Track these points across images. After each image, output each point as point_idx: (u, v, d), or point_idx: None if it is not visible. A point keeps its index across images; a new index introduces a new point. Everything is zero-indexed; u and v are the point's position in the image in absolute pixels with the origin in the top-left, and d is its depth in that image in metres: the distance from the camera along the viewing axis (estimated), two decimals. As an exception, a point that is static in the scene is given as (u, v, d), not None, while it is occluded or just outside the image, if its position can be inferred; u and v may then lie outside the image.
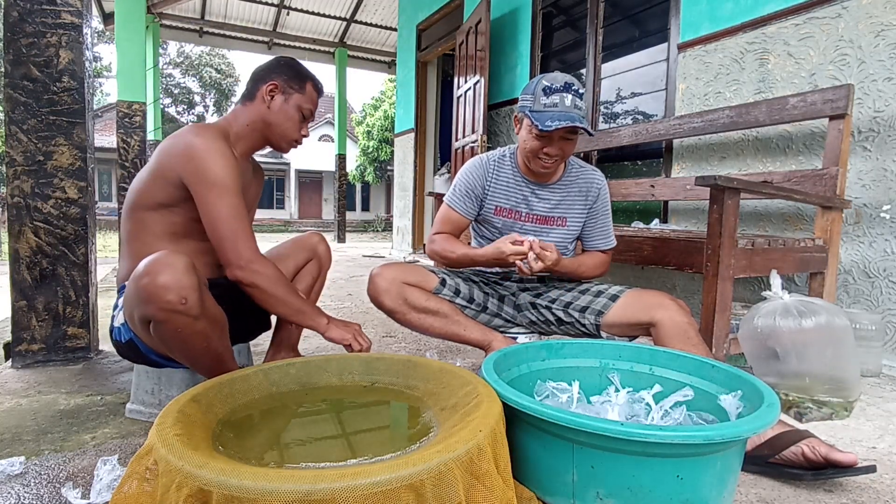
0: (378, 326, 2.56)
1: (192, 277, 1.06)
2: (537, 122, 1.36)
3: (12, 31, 1.76)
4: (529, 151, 1.46)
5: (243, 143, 1.38)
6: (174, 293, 1.03)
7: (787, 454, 1.08)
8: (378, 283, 1.49)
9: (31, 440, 1.23)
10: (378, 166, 18.75)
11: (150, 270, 1.04)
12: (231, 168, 1.24)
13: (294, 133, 1.40)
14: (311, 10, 8.61)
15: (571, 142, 1.44)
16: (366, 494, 0.65)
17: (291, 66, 1.40)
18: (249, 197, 1.47)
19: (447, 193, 1.63)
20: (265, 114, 1.35)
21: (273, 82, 1.35)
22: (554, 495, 0.91)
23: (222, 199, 1.22)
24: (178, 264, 1.05)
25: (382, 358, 1.25)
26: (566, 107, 1.37)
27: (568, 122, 1.34)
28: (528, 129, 1.44)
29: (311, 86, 1.41)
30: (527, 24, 3.85)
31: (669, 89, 2.76)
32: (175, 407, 0.88)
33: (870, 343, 1.82)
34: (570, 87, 1.39)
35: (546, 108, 1.38)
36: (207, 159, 1.21)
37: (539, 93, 1.39)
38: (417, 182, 5.98)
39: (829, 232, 1.87)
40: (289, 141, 1.41)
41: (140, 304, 1.08)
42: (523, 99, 1.45)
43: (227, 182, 1.23)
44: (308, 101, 1.40)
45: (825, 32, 2.09)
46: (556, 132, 1.38)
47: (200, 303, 1.08)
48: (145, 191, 1.27)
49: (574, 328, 1.52)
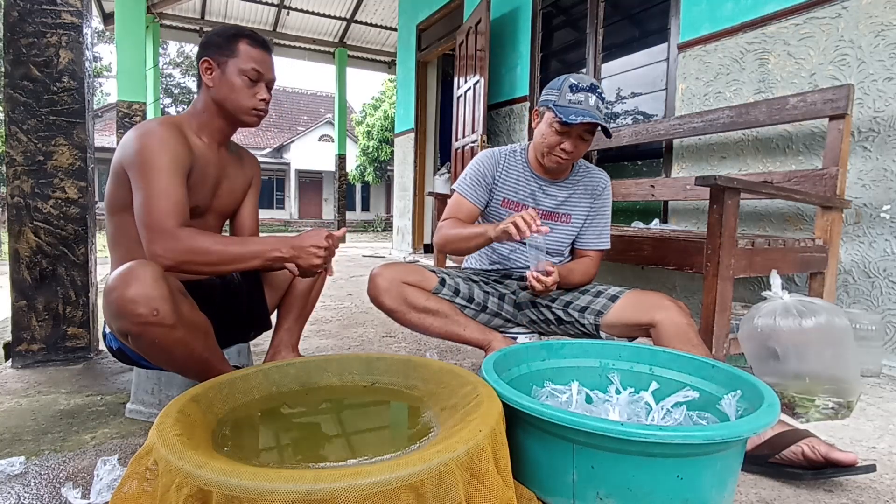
0: (378, 326, 2.56)
1: (162, 287, 1.03)
2: (561, 114, 1.40)
3: (12, 31, 1.76)
4: (546, 146, 1.49)
5: (207, 129, 1.30)
6: (144, 306, 1.00)
7: (787, 454, 1.08)
8: (378, 282, 1.49)
9: (31, 440, 1.23)
10: (378, 166, 18.74)
11: (118, 284, 1.01)
12: (168, 152, 1.15)
13: (246, 100, 1.27)
14: (311, 10, 8.61)
15: (587, 142, 1.47)
16: (366, 494, 0.65)
17: (219, 33, 1.28)
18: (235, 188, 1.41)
19: (457, 182, 1.64)
20: (211, 93, 1.27)
21: (205, 59, 1.25)
22: (554, 495, 0.91)
23: (147, 180, 1.12)
24: (146, 276, 1.02)
25: (382, 358, 1.25)
26: (590, 106, 1.41)
27: (591, 118, 1.38)
28: (548, 123, 1.47)
29: (246, 42, 1.26)
30: (527, 24, 3.85)
31: (669, 89, 2.76)
32: (175, 407, 0.88)
33: (870, 343, 1.82)
34: (594, 89, 1.43)
35: (571, 103, 1.41)
36: (141, 143, 1.14)
37: (566, 89, 1.43)
38: (417, 182, 5.98)
39: (829, 232, 1.87)
40: (245, 111, 1.28)
41: (113, 318, 1.05)
42: (547, 94, 1.48)
43: (153, 163, 1.12)
44: (246, 60, 1.25)
45: (825, 32, 2.09)
46: (575, 129, 1.43)
47: (174, 311, 1.05)
48: (111, 192, 1.24)
49: (574, 328, 1.52)
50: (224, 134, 1.34)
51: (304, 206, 23.58)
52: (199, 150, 1.28)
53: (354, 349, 2.15)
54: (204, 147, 1.30)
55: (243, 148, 1.50)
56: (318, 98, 25.48)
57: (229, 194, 1.41)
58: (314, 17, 8.80)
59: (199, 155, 1.28)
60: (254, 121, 1.31)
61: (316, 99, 25.42)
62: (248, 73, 1.26)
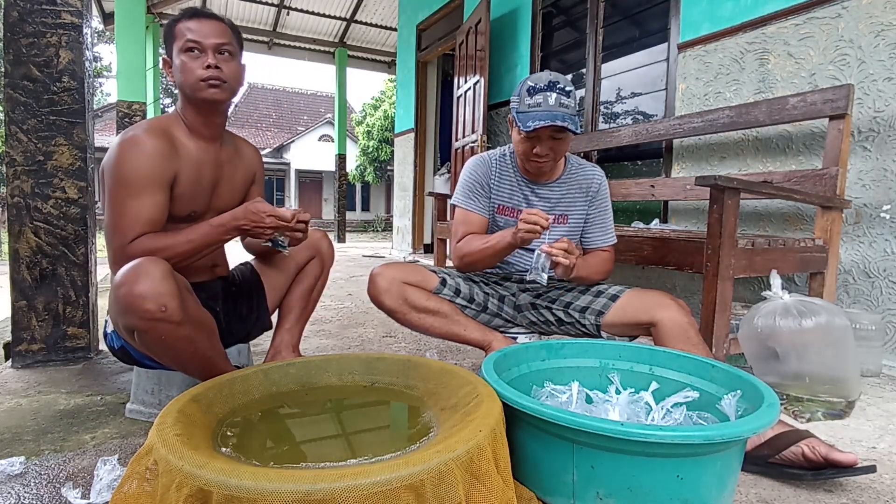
0: (378, 326, 2.56)
1: (171, 284, 1.03)
2: (520, 123, 1.37)
3: (12, 31, 1.76)
4: (522, 153, 1.47)
5: (192, 125, 1.29)
6: (152, 301, 1.01)
7: (787, 454, 1.08)
8: (378, 282, 1.49)
9: (31, 440, 1.22)
10: (378, 166, 18.73)
11: (127, 280, 1.02)
12: (140, 165, 1.14)
13: (192, 75, 1.22)
14: (311, 10, 8.61)
15: (562, 140, 1.42)
16: (366, 494, 0.65)
17: (165, 30, 1.28)
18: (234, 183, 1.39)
19: (456, 197, 1.60)
20: (178, 88, 1.26)
21: (162, 58, 1.28)
22: (554, 495, 0.91)
23: (110, 195, 1.13)
24: (155, 272, 1.02)
25: (382, 358, 1.25)
26: (550, 106, 1.36)
27: (548, 121, 1.33)
28: (517, 131, 1.45)
29: (180, 22, 1.24)
30: (527, 24, 3.85)
31: (669, 89, 2.76)
32: (175, 407, 0.88)
33: (870, 343, 1.82)
34: (554, 86, 1.37)
35: (530, 108, 1.37)
36: (115, 156, 1.15)
37: (524, 93, 1.39)
38: (417, 182, 5.98)
39: (829, 232, 1.87)
40: (196, 86, 1.22)
41: (121, 314, 1.05)
42: (512, 101, 1.45)
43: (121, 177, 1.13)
44: (182, 37, 1.22)
45: (825, 32, 2.09)
46: (543, 132, 1.38)
47: (182, 308, 1.05)
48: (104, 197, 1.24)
49: (574, 328, 1.52)
50: (207, 126, 1.30)
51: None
52: (190, 153, 1.27)
53: (354, 349, 2.15)
54: (196, 148, 1.28)
55: (241, 139, 1.47)
56: (318, 98, 25.48)
57: (229, 192, 1.39)
58: (314, 17, 8.80)
59: (190, 157, 1.26)
60: (211, 92, 1.24)
61: (316, 99, 25.42)
62: (187, 47, 1.22)
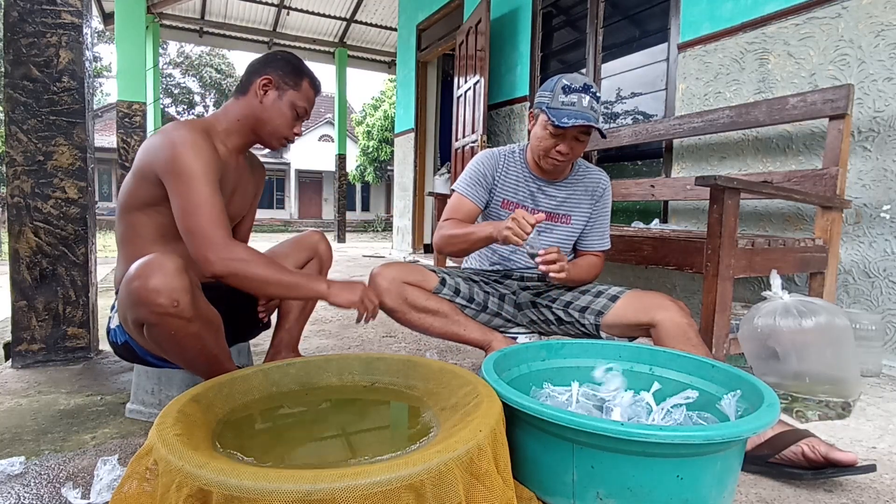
0: (378, 326, 2.56)
1: (184, 279, 1.04)
2: (553, 118, 1.39)
3: (12, 31, 1.76)
4: (542, 149, 1.48)
5: (234, 138, 1.33)
6: (165, 296, 1.02)
7: (787, 454, 1.08)
8: (378, 282, 1.49)
9: (31, 440, 1.22)
10: (378, 166, 18.73)
11: (141, 273, 1.03)
12: (204, 159, 1.18)
13: (285, 131, 1.34)
14: (311, 10, 8.61)
15: (583, 143, 1.46)
16: (366, 494, 0.65)
17: (289, 60, 1.34)
18: (246, 194, 1.45)
19: (456, 182, 1.62)
20: (257, 109, 1.31)
21: (267, 76, 1.30)
22: (554, 495, 0.91)
23: (189, 188, 1.15)
24: (169, 266, 1.03)
25: (382, 358, 1.25)
26: (583, 107, 1.39)
27: (583, 120, 1.37)
28: (542, 126, 1.46)
29: (308, 83, 1.36)
30: (527, 24, 3.85)
31: (669, 89, 2.76)
32: (175, 407, 0.88)
33: (870, 343, 1.82)
34: (588, 89, 1.41)
35: (564, 105, 1.40)
36: (177, 151, 1.16)
37: (558, 91, 1.41)
38: (417, 182, 5.98)
39: (829, 232, 1.87)
40: (279, 138, 1.35)
41: (132, 307, 1.06)
42: (541, 95, 1.46)
43: (194, 172, 1.16)
44: (303, 98, 1.35)
45: (825, 32, 2.09)
46: (570, 131, 1.41)
47: (193, 305, 1.06)
48: (131, 191, 1.26)
49: (574, 328, 1.52)
50: (247, 145, 1.38)
51: (304, 206, 23.59)
52: (224, 157, 1.31)
53: (354, 349, 2.15)
54: (227, 154, 1.33)
55: (254, 155, 1.51)
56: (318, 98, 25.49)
57: (241, 200, 1.44)
58: (314, 17, 8.80)
59: (224, 162, 1.31)
60: (278, 147, 1.40)
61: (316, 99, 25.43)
62: (298, 109, 1.35)
